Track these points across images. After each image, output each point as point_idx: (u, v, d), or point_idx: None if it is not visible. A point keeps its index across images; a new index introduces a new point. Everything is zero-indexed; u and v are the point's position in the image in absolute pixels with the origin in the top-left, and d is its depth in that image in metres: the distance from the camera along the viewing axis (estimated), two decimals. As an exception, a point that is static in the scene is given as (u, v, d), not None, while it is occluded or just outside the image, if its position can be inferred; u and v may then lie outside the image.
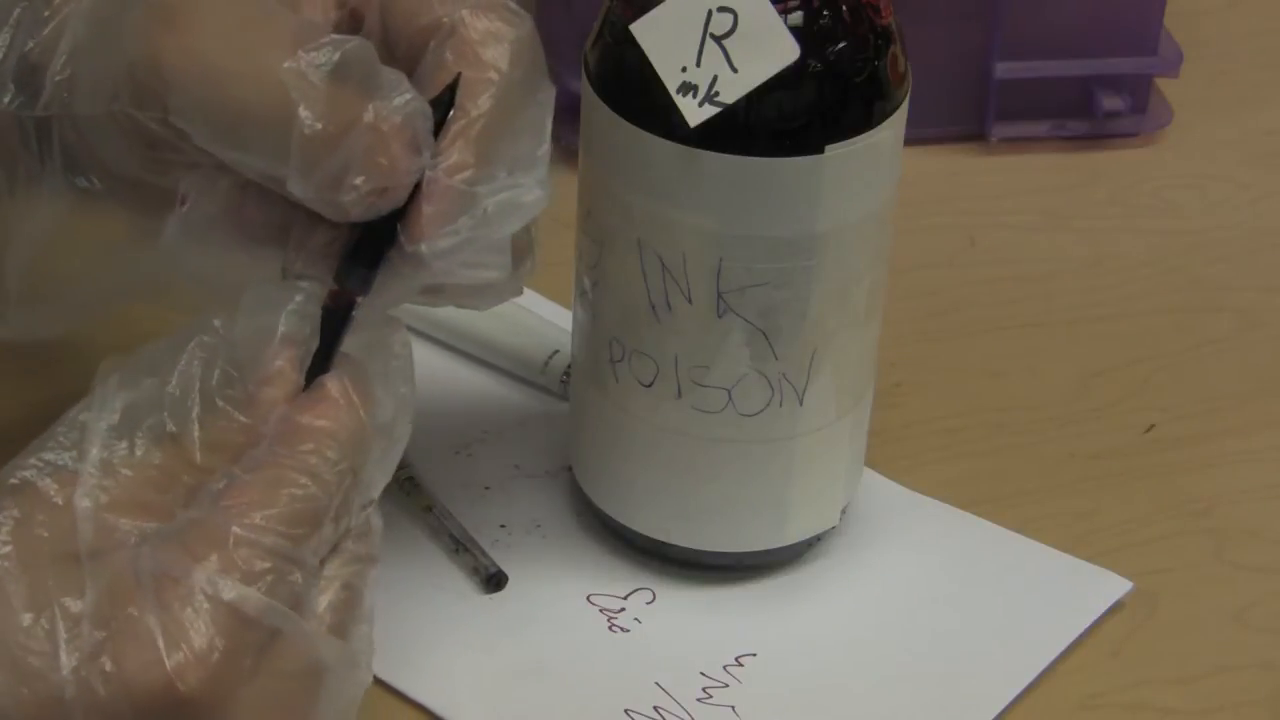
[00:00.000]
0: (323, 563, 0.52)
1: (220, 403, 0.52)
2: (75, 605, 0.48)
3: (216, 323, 0.53)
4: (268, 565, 0.49)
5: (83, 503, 0.50)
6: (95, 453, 0.50)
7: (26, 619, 0.48)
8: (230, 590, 0.49)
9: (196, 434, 0.51)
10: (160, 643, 0.48)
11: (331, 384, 0.53)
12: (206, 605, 0.48)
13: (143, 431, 0.51)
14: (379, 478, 0.54)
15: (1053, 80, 0.90)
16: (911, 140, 0.66)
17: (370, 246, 0.56)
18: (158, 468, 0.51)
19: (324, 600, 0.52)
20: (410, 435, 0.56)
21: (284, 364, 0.53)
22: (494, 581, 0.68)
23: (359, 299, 0.56)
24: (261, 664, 0.49)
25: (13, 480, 0.50)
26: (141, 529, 0.50)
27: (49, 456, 0.50)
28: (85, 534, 0.49)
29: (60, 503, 0.50)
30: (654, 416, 0.66)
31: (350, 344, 0.55)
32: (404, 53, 0.58)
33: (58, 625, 0.48)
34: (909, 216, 0.74)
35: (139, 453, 0.51)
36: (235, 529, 0.49)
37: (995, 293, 0.83)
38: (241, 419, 0.52)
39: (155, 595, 0.48)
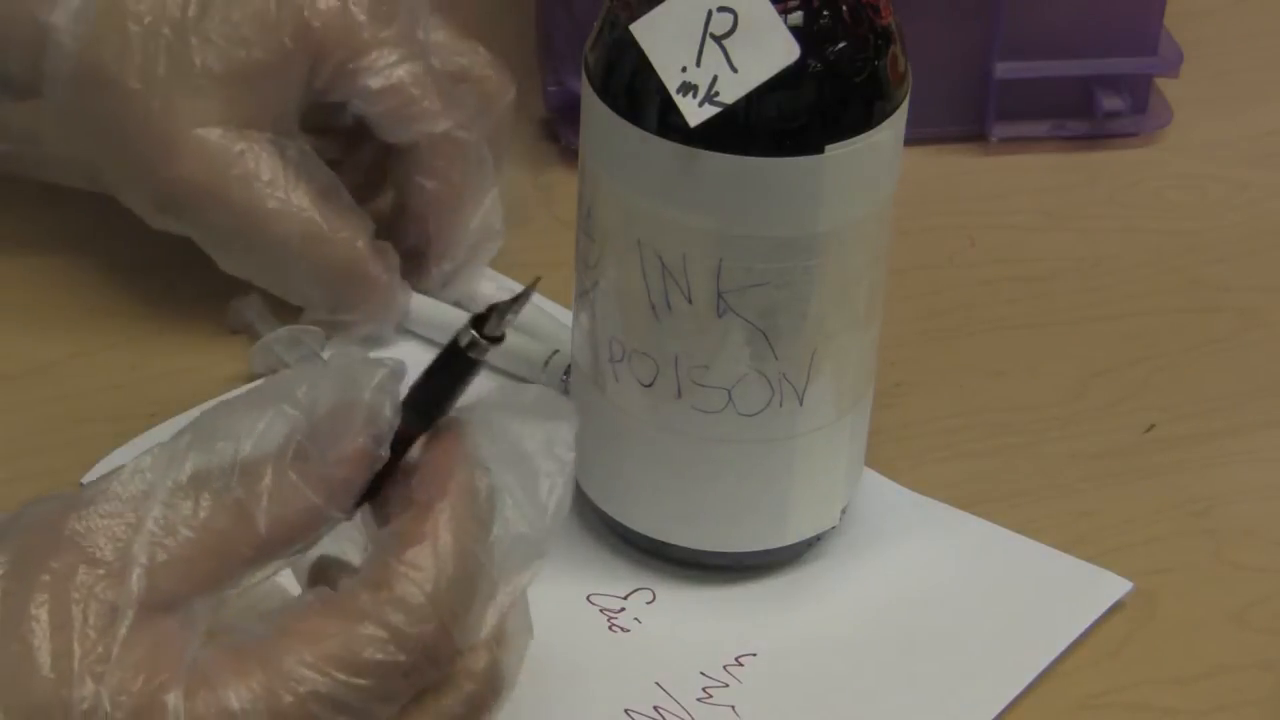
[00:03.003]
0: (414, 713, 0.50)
1: (294, 477, 0.50)
2: (98, 675, 0.47)
3: (300, 393, 0.51)
4: (312, 708, 0.47)
5: (139, 558, 0.48)
6: (158, 509, 0.49)
7: (48, 682, 0.47)
8: None
9: (264, 505, 0.49)
10: None
11: (441, 513, 0.50)
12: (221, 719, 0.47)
13: (209, 494, 0.49)
14: (483, 620, 0.51)
15: (1053, 80, 0.90)
16: (911, 140, 0.66)
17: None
18: (219, 534, 0.49)
19: None
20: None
21: (364, 444, 0.51)
22: (494, 581, 0.68)
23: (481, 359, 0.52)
24: None
25: (65, 532, 0.48)
26: (189, 596, 0.49)
27: (107, 508, 0.49)
28: (133, 591, 0.48)
29: (110, 558, 0.48)
30: (654, 416, 0.66)
31: (517, 432, 0.52)
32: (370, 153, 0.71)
33: (75, 695, 0.46)
34: (909, 216, 0.74)
35: (203, 515, 0.49)
36: (289, 660, 0.48)
37: (995, 293, 0.83)
38: (313, 498, 0.50)
39: (185, 692, 0.47)
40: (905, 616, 0.68)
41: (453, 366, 0.52)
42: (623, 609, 0.68)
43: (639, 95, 0.62)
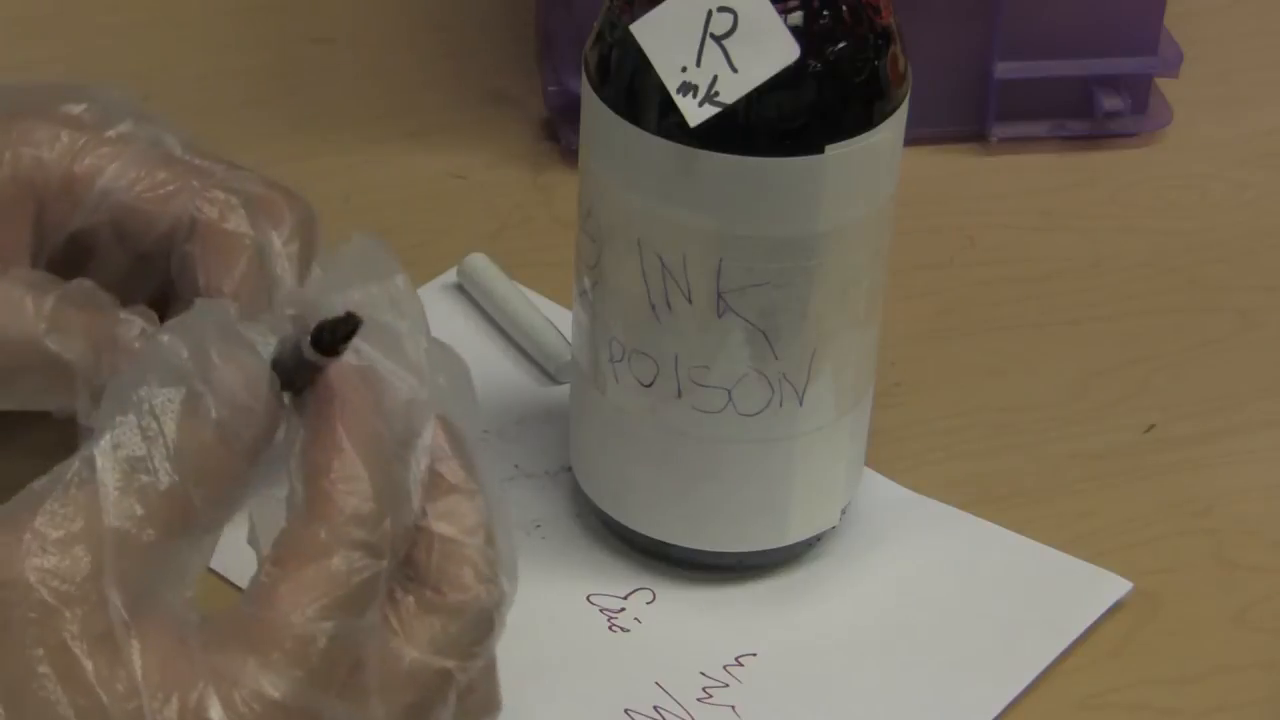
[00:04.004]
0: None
1: (220, 453, 0.50)
2: (134, 712, 0.46)
3: (190, 359, 0.50)
4: (332, 653, 0.48)
5: (110, 586, 0.48)
6: (110, 521, 0.48)
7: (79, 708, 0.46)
8: (296, 697, 0.47)
9: (195, 491, 0.49)
10: None
11: (339, 416, 0.50)
12: (266, 710, 0.47)
13: (144, 488, 0.49)
14: (413, 491, 0.52)
15: (1053, 80, 0.90)
16: (911, 140, 0.66)
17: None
18: (164, 524, 0.49)
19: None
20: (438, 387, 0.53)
21: (273, 402, 0.51)
22: (494, 581, 0.68)
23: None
24: None
25: (23, 568, 0.47)
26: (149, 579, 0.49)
27: (54, 544, 0.48)
28: (122, 615, 0.48)
29: (78, 594, 0.47)
30: (654, 416, 0.66)
31: (352, 297, 0.52)
32: (153, 266, 0.61)
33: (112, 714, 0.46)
34: (909, 216, 0.74)
35: (139, 511, 0.49)
36: (296, 619, 0.48)
37: (995, 293, 0.83)
38: (238, 467, 0.50)
39: (221, 697, 0.47)
40: (905, 616, 0.68)
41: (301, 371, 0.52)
42: (623, 609, 0.68)
43: (639, 95, 0.62)
